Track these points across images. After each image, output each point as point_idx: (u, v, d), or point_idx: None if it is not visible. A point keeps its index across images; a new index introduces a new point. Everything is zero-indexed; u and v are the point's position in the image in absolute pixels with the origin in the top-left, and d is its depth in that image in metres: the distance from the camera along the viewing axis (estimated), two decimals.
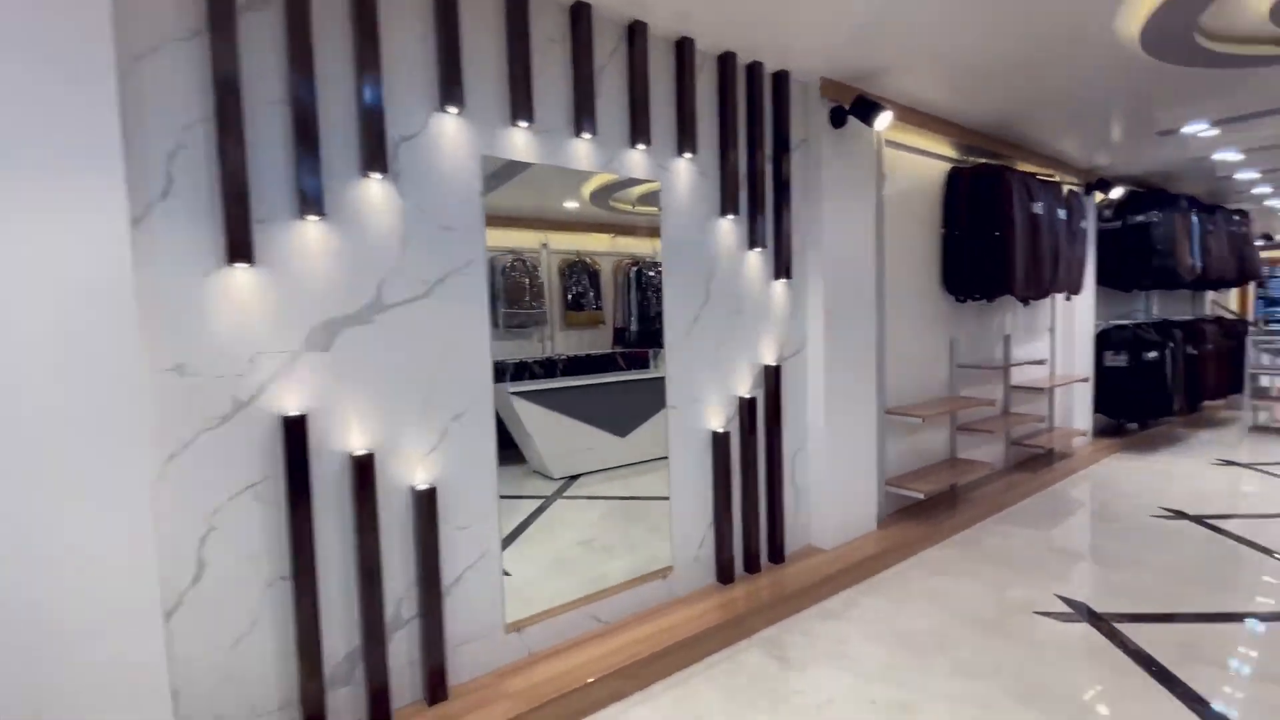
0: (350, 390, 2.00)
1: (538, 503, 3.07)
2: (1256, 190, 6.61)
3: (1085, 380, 5.33)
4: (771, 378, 3.19)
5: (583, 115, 2.46)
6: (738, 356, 3.09)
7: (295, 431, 1.89)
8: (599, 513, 3.20)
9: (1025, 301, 4.40)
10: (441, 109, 2.14)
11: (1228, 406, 7.58)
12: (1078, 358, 5.55)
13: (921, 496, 3.77)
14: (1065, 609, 2.91)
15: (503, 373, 3.06)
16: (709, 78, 2.91)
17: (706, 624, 2.70)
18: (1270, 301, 12.83)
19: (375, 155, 1.99)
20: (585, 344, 3.23)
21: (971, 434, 4.51)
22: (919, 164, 4.19)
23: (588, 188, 2.89)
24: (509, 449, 2.96)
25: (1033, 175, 4.45)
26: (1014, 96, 3.69)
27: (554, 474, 3.16)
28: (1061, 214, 4.58)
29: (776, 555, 3.26)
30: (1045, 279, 4.32)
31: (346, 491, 2.00)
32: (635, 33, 2.60)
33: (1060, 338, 5.50)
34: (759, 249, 3.12)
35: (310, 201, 1.90)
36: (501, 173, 2.47)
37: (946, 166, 4.31)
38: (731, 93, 2.94)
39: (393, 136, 2.05)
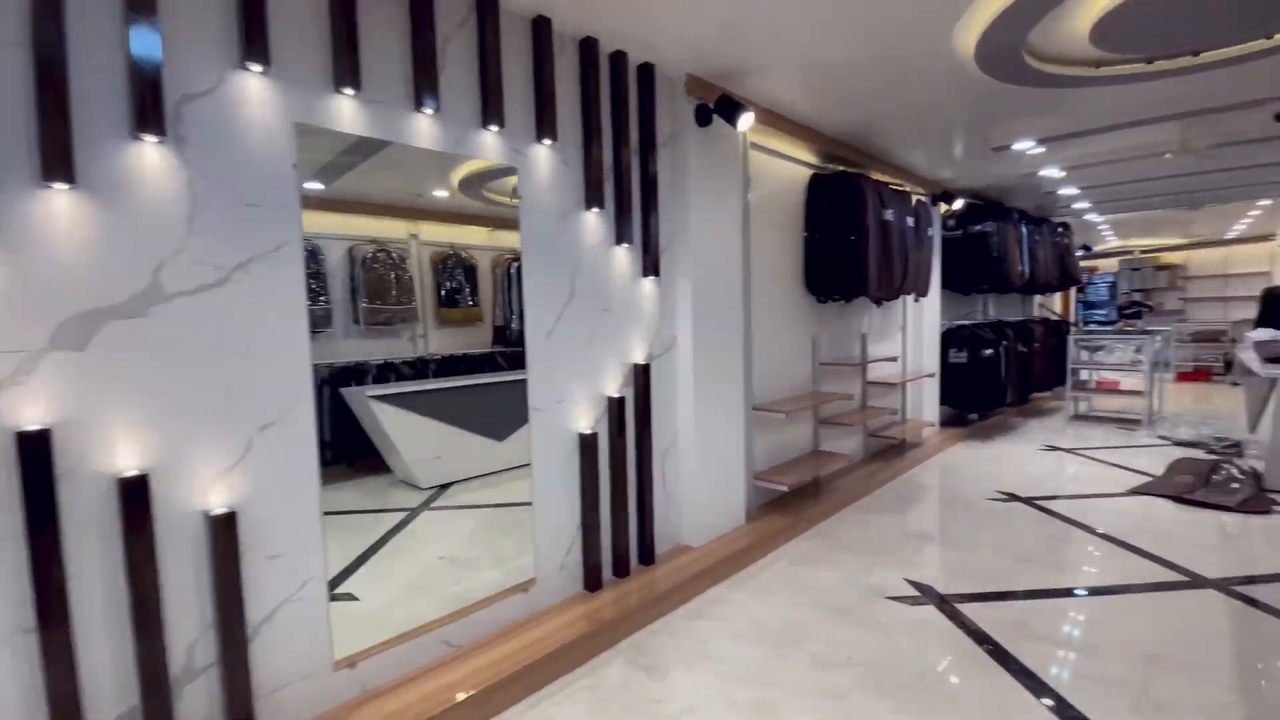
0: (116, 398, 1.63)
1: (401, 515, 2.77)
2: (1076, 205, 7.43)
3: (932, 376, 5.72)
4: (641, 377, 3.08)
5: (424, 88, 2.20)
6: (606, 355, 2.95)
7: (34, 450, 1.51)
8: (471, 523, 2.95)
9: (879, 302, 4.61)
10: (242, 66, 1.81)
11: (1053, 397, 8.50)
12: (926, 355, 5.95)
13: (785, 489, 3.83)
14: (914, 592, 3.02)
15: (363, 375, 2.74)
16: (570, 63, 2.74)
17: (571, 636, 2.53)
18: (1089, 305, 14.62)
19: (149, 114, 1.64)
20: (462, 343, 2.96)
21: (833, 427, 4.67)
22: (783, 169, 4.26)
23: (456, 175, 2.64)
24: (372, 457, 2.65)
25: (885, 184, 4.67)
26: (869, 107, 3.83)
27: (422, 483, 2.87)
28: (910, 221, 4.85)
29: (647, 557, 3.15)
30: (896, 281, 4.54)
31: (113, 520, 1.63)
32: (486, 5, 2.37)
33: (910, 337, 5.87)
34: (626, 245, 2.99)
35: (56, 166, 1.52)
36: (353, 150, 2.17)
37: (809, 172, 4.43)
38: (594, 81, 2.78)
39: (173, 93, 1.70)
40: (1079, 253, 11.81)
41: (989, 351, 6.17)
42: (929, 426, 5.84)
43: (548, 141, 2.64)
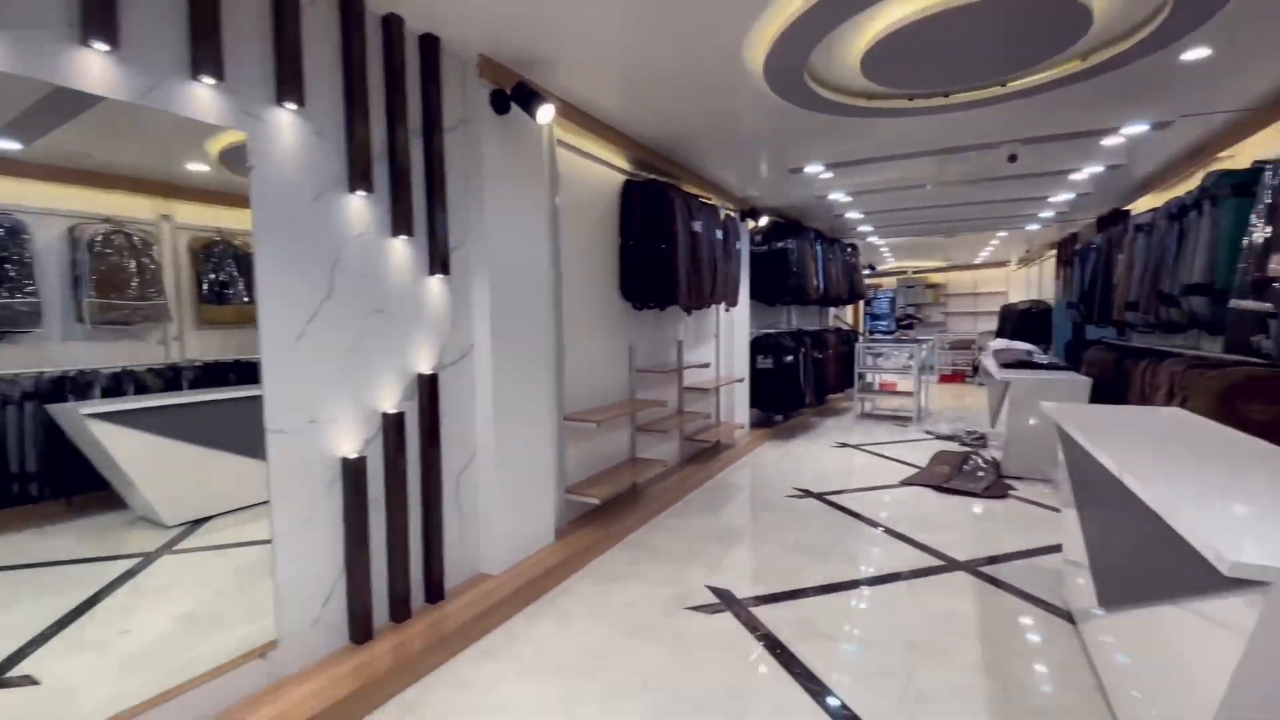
0: None
1: (133, 562, 2.10)
2: (862, 229, 8.25)
3: (742, 380, 5.94)
4: (427, 388, 2.68)
5: (92, 16, 1.65)
6: (380, 364, 2.52)
7: None
8: (226, 568, 2.33)
9: (689, 310, 4.63)
10: None
11: (845, 398, 9.37)
12: (737, 361, 6.18)
13: (597, 502, 3.64)
14: (714, 600, 2.96)
15: (86, 387, 2.06)
16: (325, 16, 2.29)
17: (322, 705, 2.07)
18: (874, 316, 16.53)
19: None
20: (234, 346, 2.33)
21: (650, 434, 4.60)
22: (598, 172, 4.10)
23: (214, 144, 2.07)
24: (105, 490, 2.01)
25: (695, 196, 4.72)
26: (678, 118, 3.79)
27: (167, 520, 2.22)
28: (719, 234, 4.96)
29: (435, 593, 2.75)
30: (706, 290, 4.60)
31: None
32: None
33: (723, 344, 6.05)
34: (405, 237, 2.59)
35: None
36: (53, 103, 1.57)
37: (623, 178, 4.32)
38: (358, 43, 2.36)
39: None
40: (865, 271, 13.32)
41: (790, 358, 6.58)
42: (740, 428, 6.05)
43: (292, 106, 2.17)
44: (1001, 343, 6.59)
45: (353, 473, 2.38)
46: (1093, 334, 7.53)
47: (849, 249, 8.70)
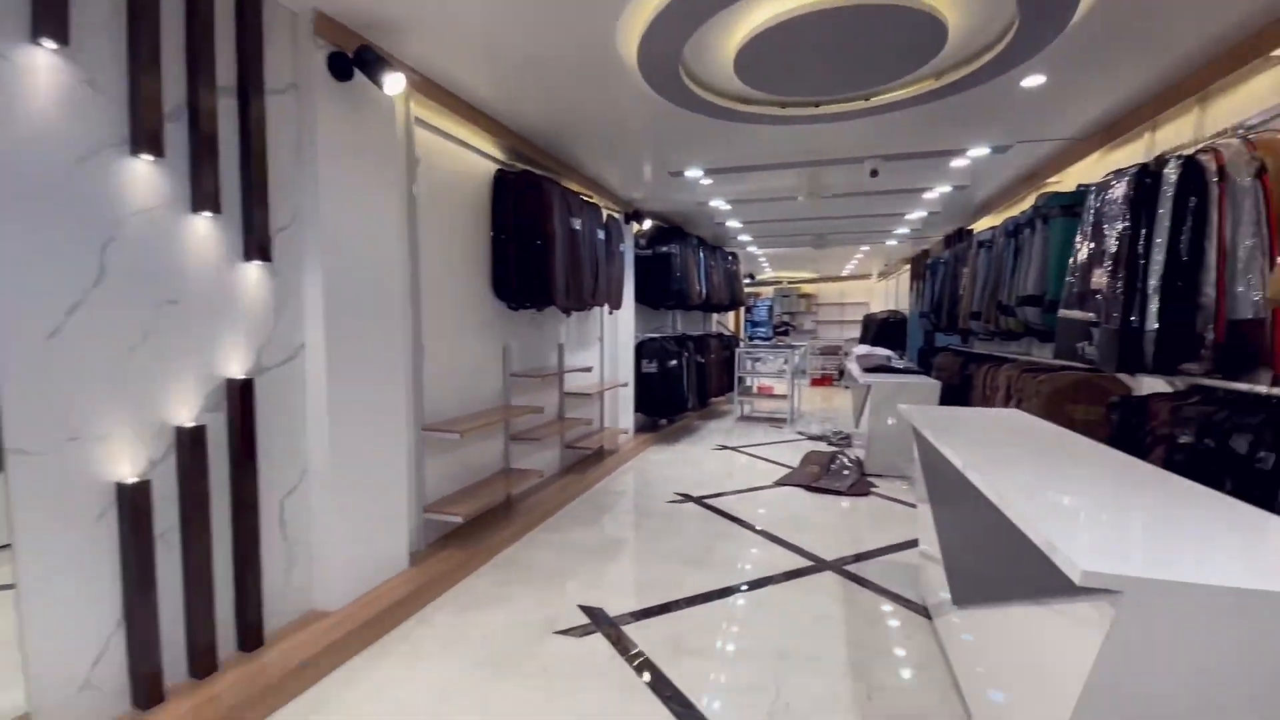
0: None
1: None
2: (742, 238, 8.43)
3: (626, 385, 5.79)
4: (239, 396, 2.23)
5: None
6: (173, 367, 2.05)
7: None
8: None
9: (568, 312, 4.40)
10: None
11: (726, 401, 9.55)
12: (621, 365, 6.03)
13: (460, 520, 3.29)
14: (585, 620, 2.74)
15: None
16: None
17: None
18: (754, 323, 17.16)
19: None
20: None
21: (526, 442, 4.29)
22: (468, 160, 3.76)
23: None
24: None
25: (576, 194, 4.50)
26: (554, 107, 3.55)
27: None
28: (600, 234, 4.78)
29: (251, 639, 2.30)
30: (587, 292, 4.38)
31: None
32: None
33: (608, 347, 5.88)
34: (210, 214, 2.13)
35: None
36: None
37: (496, 167, 4.00)
38: None
39: None
40: (746, 280, 13.80)
41: (674, 362, 6.53)
42: (624, 434, 5.89)
43: (51, 44, 1.69)
44: (864, 349, 6.96)
45: (132, 501, 1.90)
46: (942, 341, 8.21)
47: (730, 257, 8.88)
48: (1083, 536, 1.35)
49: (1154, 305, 2.81)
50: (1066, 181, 4.55)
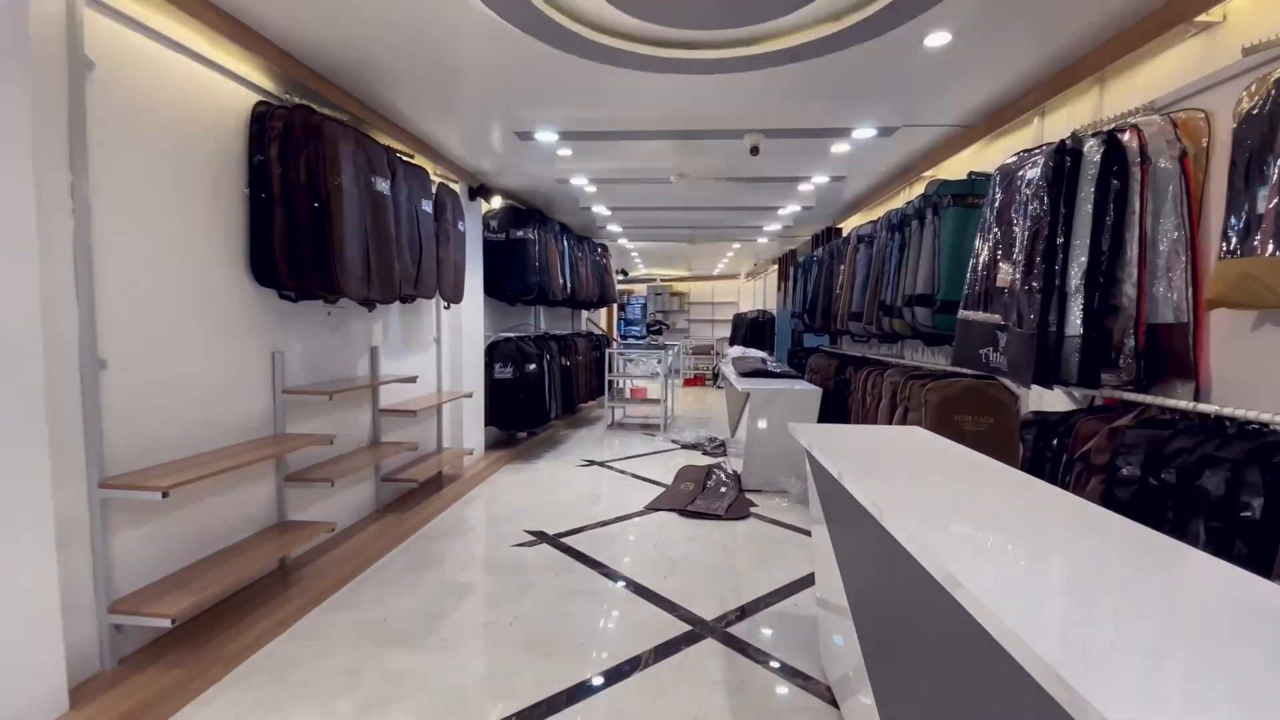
0: None
1: None
2: (611, 228, 7.61)
3: (470, 395, 4.73)
4: None
5: None
6: None
7: None
8: None
9: (370, 304, 3.27)
10: None
11: (598, 405, 8.71)
12: (467, 371, 4.94)
13: (169, 624, 2.10)
14: None
15: None
16: None
17: None
18: (629, 322, 16.53)
19: None
20: None
21: (310, 485, 3.07)
22: (205, 82, 2.53)
23: None
24: None
25: (391, 150, 3.38)
26: (355, 27, 2.45)
27: None
28: (426, 206, 3.69)
29: None
30: (400, 278, 3.29)
31: None
32: None
33: (448, 350, 4.77)
34: None
35: None
36: None
37: (256, 99, 2.79)
38: None
39: None
40: (618, 276, 13.08)
41: (534, 366, 5.56)
42: (469, 454, 4.82)
43: None
44: (738, 350, 6.44)
45: None
46: (810, 341, 7.98)
47: (600, 249, 8.04)
48: (1102, 667, 0.62)
49: (1076, 306, 2.32)
50: (941, 176, 4.20)
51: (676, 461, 5.64)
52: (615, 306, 13.96)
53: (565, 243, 6.33)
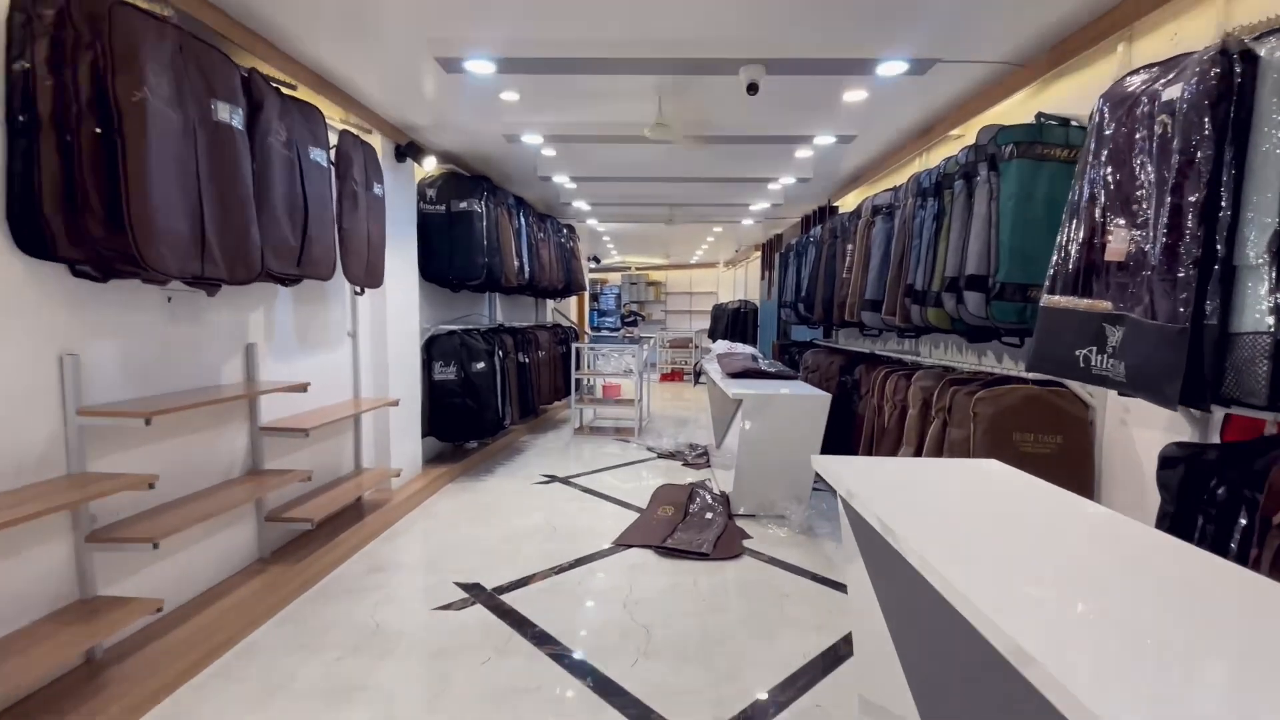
0: None
1: None
2: (578, 204, 6.72)
3: (397, 403, 3.83)
4: None
5: None
6: None
7: None
8: None
9: (210, 286, 2.33)
10: None
11: (566, 406, 7.85)
12: (396, 371, 4.03)
13: None
14: None
15: None
16: None
17: None
18: (602, 313, 15.65)
19: None
20: None
21: (121, 548, 2.15)
22: None
23: None
24: None
25: (252, 73, 2.45)
26: None
27: None
28: (319, 157, 2.78)
29: None
30: (262, 250, 2.37)
31: None
32: None
33: (366, 347, 3.85)
34: None
35: None
36: None
37: None
38: None
39: None
40: (589, 263, 12.18)
41: (483, 365, 4.67)
42: (395, 475, 3.92)
43: None
44: (723, 345, 5.64)
45: None
46: (799, 335, 7.23)
47: (566, 230, 7.15)
48: None
49: (1258, 287, 1.56)
50: (968, 136, 3.42)
51: (653, 475, 4.82)
52: (586, 296, 13.07)
53: (523, 219, 5.43)
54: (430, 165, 4.12)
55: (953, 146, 3.64)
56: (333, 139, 3.06)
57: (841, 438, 3.93)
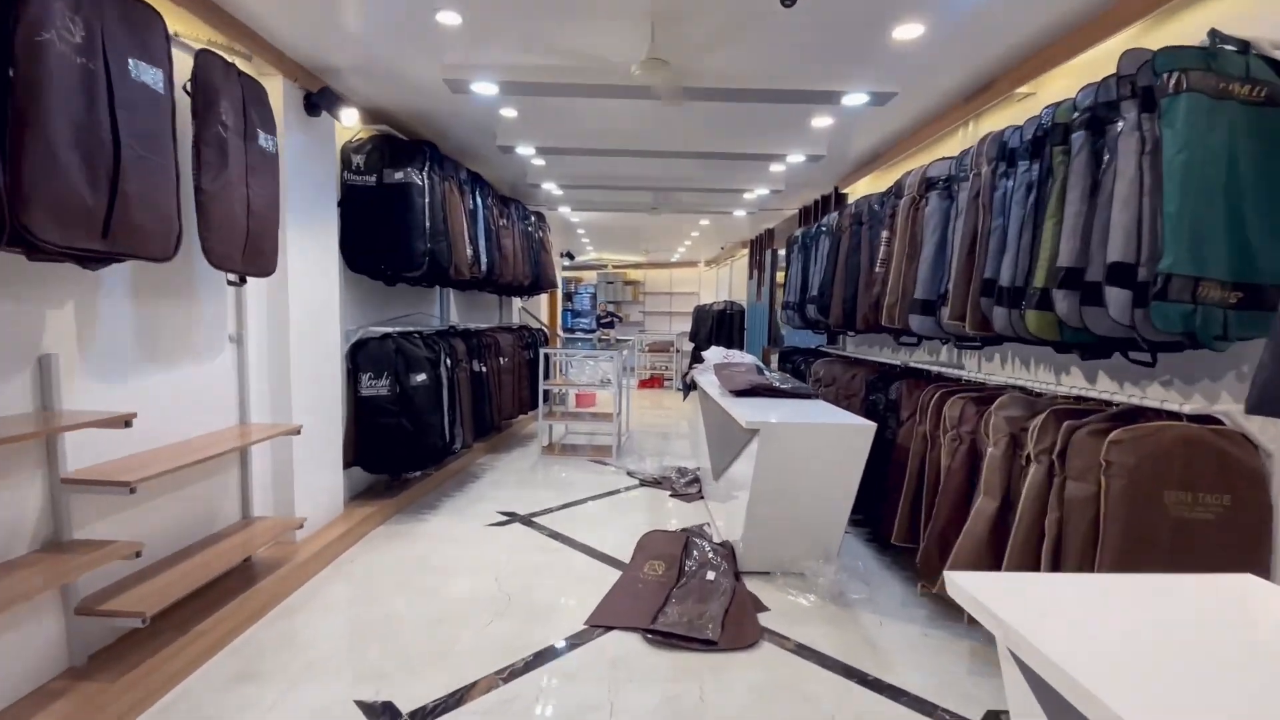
0: None
1: None
2: (548, 187, 5.84)
3: (298, 430, 2.90)
4: None
5: None
6: None
7: None
8: None
9: None
10: None
11: (533, 419, 6.95)
12: (304, 388, 3.10)
13: None
14: None
15: None
16: None
17: None
18: (576, 313, 14.73)
19: None
20: None
21: None
22: None
23: None
24: None
25: None
26: None
27: None
28: (154, 78, 1.87)
29: None
30: (31, 205, 1.46)
31: None
32: None
33: (261, 356, 2.92)
34: None
35: None
36: None
37: None
38: None
39: None
40: (563, 259, 11.28)
41: (422, 377, 3.76)
42: (298, 527, 2.99)
43: None
44: (718, 353, 4.82)
45: None
46: (795, 340, 6.47)
47: (534, 218, 6.26)
48: None
49: None
50: (1042, 95, 2.68)
51: (635, 510, 3.98)
52: (560, 295, 12.16)
53: (480, 200, 4.54)
54: (352, 120, 3.22)
55: (1009, 114, 2.90)
56: (189, 63, 2.16)
57: (871, 477, 3.09)
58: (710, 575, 2.95)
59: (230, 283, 2.50)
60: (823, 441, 2.81)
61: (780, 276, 8.59)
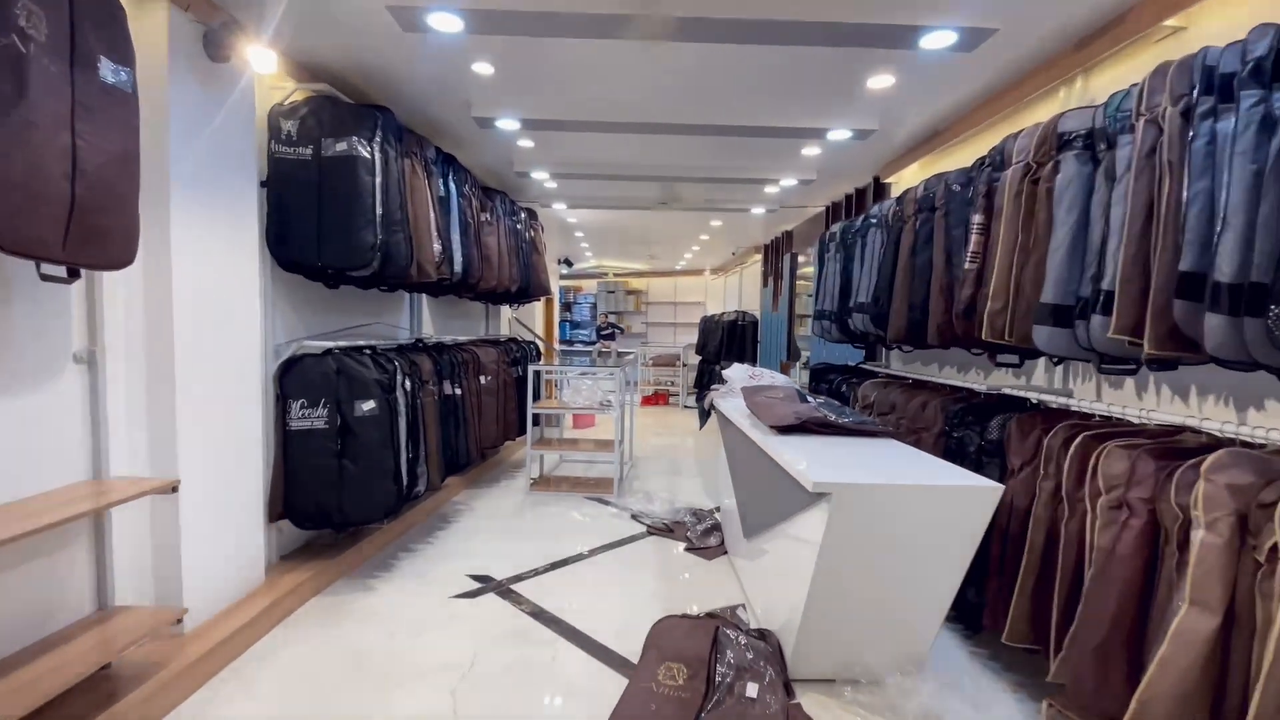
0: None
1: None
2: (539, 176, 5.08)
3: (174, 488, 2.11)
4: None
5: None
6: None
7: None
8: None
9: None
10: None
11: (520, 445, 6.15)
12: (186, 429, 2.31)
13: None
14: None
15: None
16: None
17: None
18: (575, 324, 13.97)
19: None
20: None
21: None
22: None
23: None
24: None
25: None
26: None
27: None
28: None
29: None
30: None
31: None
32: None
33: (136, 379, 2.13)
34: None
35: None
36: None
37: None
38: None
39: None
40: (560, 266, 10.53)
41: (371, 405, 2.97)
42: (177, 620, 2.19)
43: None
44: (742, 373, 4.03)
45: None
46: (821, 355, 5.70)
47: (524, 215, 5.50)
48: None
49: None
50: (1193, 32, 1.93)
51: (644, 571, 3.18)
52: (558, 304, 11.40)
53: (452, 185, 3.78)
54: (269, 68, 2.45)
55: (1136, 64, 2.14)
56: None
57: None
58: (751, 689, 2.14)
59: (48, 278, 1.72)
60: (924, 509, 2.00)
61: (801, 284, 7.87)
